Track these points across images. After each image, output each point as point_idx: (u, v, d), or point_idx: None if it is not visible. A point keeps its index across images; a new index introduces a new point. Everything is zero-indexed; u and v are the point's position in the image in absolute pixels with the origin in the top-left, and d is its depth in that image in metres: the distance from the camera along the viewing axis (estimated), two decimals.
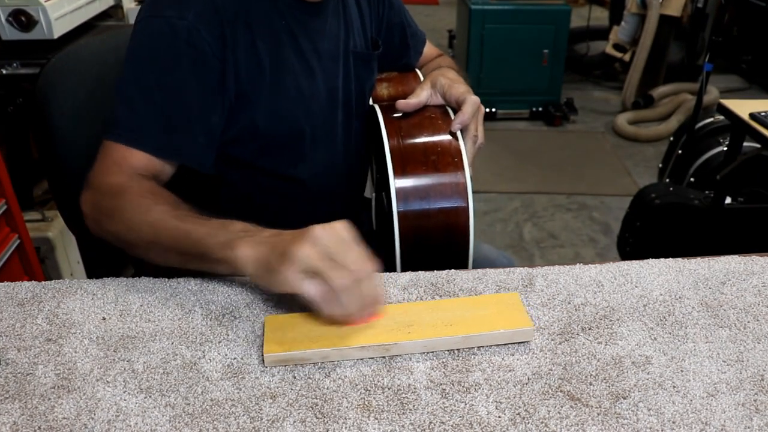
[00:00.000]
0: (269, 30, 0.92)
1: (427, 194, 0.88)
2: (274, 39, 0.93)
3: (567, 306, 0.79)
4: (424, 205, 0.87)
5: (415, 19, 1.24)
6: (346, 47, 1.04)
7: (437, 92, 0.99)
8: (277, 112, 0.95)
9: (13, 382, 0.67)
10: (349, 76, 1.05)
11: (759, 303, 0.79)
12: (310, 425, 0.62)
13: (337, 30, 1.02)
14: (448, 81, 0.99)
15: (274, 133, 0.97)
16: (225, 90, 0.90)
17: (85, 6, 1.92)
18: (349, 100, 1.06)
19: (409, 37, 1.19)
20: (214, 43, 0.86)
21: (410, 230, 0.87)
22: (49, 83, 1.03)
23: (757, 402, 0.65)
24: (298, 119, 0.98)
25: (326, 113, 1.02)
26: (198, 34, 0.85)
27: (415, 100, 0.97)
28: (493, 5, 3.52)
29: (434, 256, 0.87)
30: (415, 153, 0.91)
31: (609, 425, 0.62)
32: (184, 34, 0.85)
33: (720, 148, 2.25)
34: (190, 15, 0.85)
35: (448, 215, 0.87)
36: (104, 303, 0.79)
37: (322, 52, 0.99)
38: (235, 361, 0.70)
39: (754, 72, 4.34)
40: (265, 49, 0.92)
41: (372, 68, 1.11)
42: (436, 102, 0.99)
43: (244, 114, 0.93)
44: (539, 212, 2.84)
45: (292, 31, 0.95)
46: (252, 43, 0.90)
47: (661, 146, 3.19)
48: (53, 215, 1.83)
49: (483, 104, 0.99)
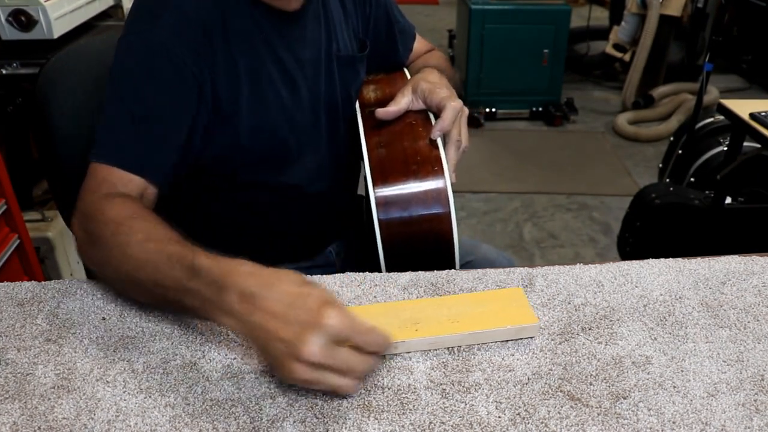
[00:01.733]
0: (247, 42, 0.90)
1: (408, 203, 0.87)
2: (253, 51, 0.91)
3: (567, 306, 0.79)
4: (405, 214, 0.86)
5: (415, 19, 1.22)
6: (329, 52, 1.02)
7: (418, 97, 0.97)
8: (260, 125, 0.94)
9: (13, 382, 0.67)
10: (333, 81, 1.03)
11: (759, 303, 0.79)
12: (310, 425, 0.62)
13: (318, 35, 1.00)
14: (429, 85, 0.97)
15: (257, 147, 0.95)
16: (203, 102, 0.88)
17: (85, 6, 1.92)
18: (335, 104, 1.04)
19: (397, 33, 1.17)
20: (190, 57, 0.85)
21: (393, 238, 0.87)
22: (49, 83, 1.03)
23: (757, 402, 0.65)
24: (281, 131, 0.97)
25: (310, 121, 1.01)
26: (172, 49, 0.84)
27: (395, 108, 0.95)
28: (493, 5, 3.52)
29: (419, 263, 0.87)
30: (395, 162, 0.91)
31: (609, 425, 0.62)
32: (159, 50, 0.84)
33: (720, 148, 2.25)
34: (164, 31, 0.84)
35: (430, 222, 0.87)
36: (104, 303, 0.79)
37: (303, 60, 0.97)
38: (235, 361, 0.70)
39: (754, 72, 4.34)
40: (243, 61, 0.90)
41: (358, 70, 1.09)
42: (418, 107, 0.97)
43: (225, 129, 0.92)
44: (539, 212, 2.84)
45: (271, 42, 0.93)
46: (229, 56, 0.89)
47: (661, 146, 3.19)
48: (53, 215, 1.82)
49: (483, 104, 0.99)
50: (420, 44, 1.23)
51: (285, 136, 0.98)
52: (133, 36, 0.86)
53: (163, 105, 0.86)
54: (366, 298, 0.81)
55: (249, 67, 0.91)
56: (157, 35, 0.84)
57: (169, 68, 0.85)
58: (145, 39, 0.85)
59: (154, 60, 0.84)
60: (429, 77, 1.00)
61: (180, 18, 0.85)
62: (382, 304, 0.78)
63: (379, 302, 0.79)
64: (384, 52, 1.17)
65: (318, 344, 0.59)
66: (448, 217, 0.86)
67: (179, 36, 0.85)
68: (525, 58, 3.61)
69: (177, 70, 0.85)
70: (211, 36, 0.87)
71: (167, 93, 0.86)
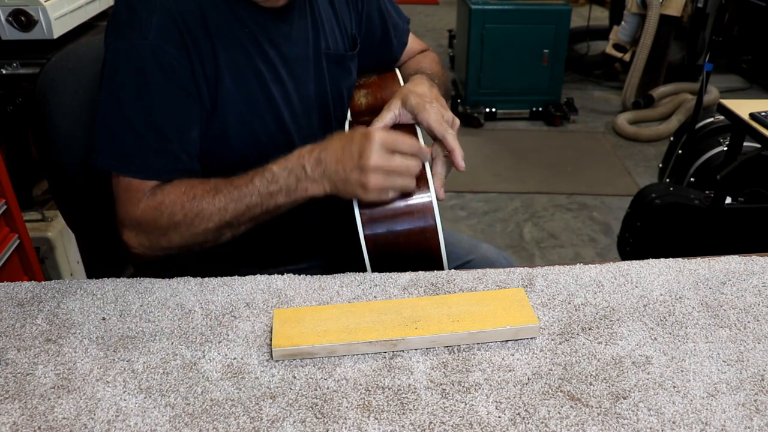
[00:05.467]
0: (231, 39, 0.90)
1: (393, 218, 0.87)
2: (238, 48, 0.91)
3: (567, 306, 0.79)
4: (391, 229, 0.86)
5: (415, 19, 1.22)
6: (317, 49, 1.01)
7: (407, 111, 0.94)
8: (247, 122, 0.94)
9: (13, 382, 0.67)
10: (323, 79, 1.03)
11: (759, 303, 0.79)
12: (310, 425, 0.62)
13: (305, 33, 0.99)
14: (419, 99, 0.93)
15: (246, 143, 0.95)
16: (200, 96, 0.90)
17: (85, 6, 1.92)
18: (326, 103, 1.04)
19: (390, 28, 1.15)
20: (179, 55, 0.86)
21: (380, 252, 0.87)
22: (49, 82, 1.03)
23: (757, 402, 0.65)
24: (269, 128, 0.97)
25: (301, 119, 1.01)
26: (162, 51, 0.85)
27: (379, 125, 0.93)
28: (493, 5, 3.51)
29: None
30: None
31: (609, 425, 0.62)
32: (149, 53, 0.85)
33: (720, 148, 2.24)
34: (150, 34, 0.84)
35: (417, 236, 0.87)
36: (104, 303, 0.79)
37: (290, 57, 0.97)
38: (235, 361, 0.70)
39: (755, 72, 4.34)
40: (227, 58, 0.90)
41: (348, 68, 1.08)
42: (406, 121, 0.95)
43: (213, 123, 0.92)
44: (539, 212, 2.84)
45: (256, 39, 0.93)
46: (213, 53, 0.89)
47: (662, 146, 3.19)
48: (53, 215, 1.82)
49: (483, 104, 0.98)
50: (414, 43, 1.22)
51: (273, 133, 0.98)
52: (124, 43, 0.86)
53: (166, 108, 0.87)
54: (366, 298, 0.81)
55: (232, 61, 0.91)
56: (146, 39, 0.84)
57: (162, 71, 0.85)
58: (136, 46, 0.85)
59: (148, 66, 0.85)
60: (418, 88, 0.97)
61: (165, 17, 0.85)
62: (383, 301, 0.78)
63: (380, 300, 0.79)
64: (379, 47, 1.16)
65: (375, 153, 0.80)
66: (435, 231, 0.86)
67: (167, 37, 0.85)
68: (525, 58, 3.61)
69: (170, 70, 0.86)
70: (194, 30, 0.87)
71: (167, 95, 0.87)
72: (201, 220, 0.86)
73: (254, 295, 0.81)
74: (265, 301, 0.80)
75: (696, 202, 1.99)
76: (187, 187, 0.87)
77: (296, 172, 0.84)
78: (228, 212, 0.86)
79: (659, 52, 3.76)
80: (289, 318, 0.74)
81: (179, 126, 0.89)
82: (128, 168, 0.87)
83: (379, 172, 0.81)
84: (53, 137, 1.04)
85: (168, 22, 0.85)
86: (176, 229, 0.86)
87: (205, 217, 0.86)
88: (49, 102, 1.02)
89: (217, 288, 0.82)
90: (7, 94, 1.83)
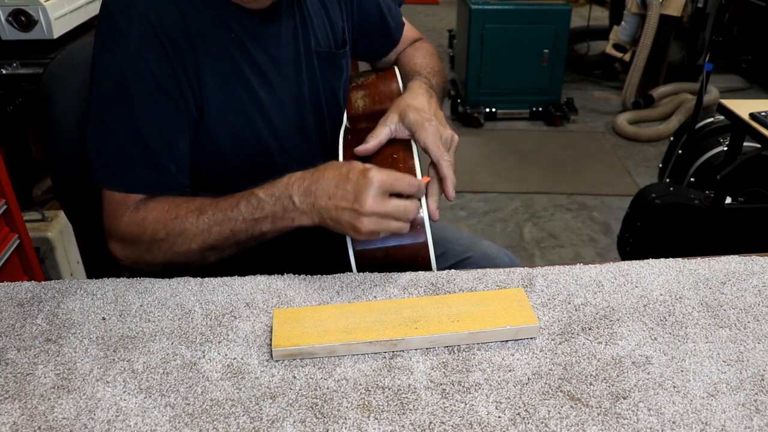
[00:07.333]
0: (215, 46, 0.89)
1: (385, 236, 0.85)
2: (222, 55, 0.89)
3: (567, 306, 0.79)
4: (380, 245, 0.85)
5: (416, 19, 1.22)
6: (307, 48, 0.99)
7: (405, 127, 0.92)
8: (236, 130, 0.93)
9: (13, 382, 0.67)
10: (315, 79, 1.01)
11: (759, 303, 0.79)
12: (310, 425, 0.62)
13: (294, 32, 0.97)
14: (418, 118, 0.91)
15: (237, 152, 0.94)
16: (187, 105, 0.89)
17: (85, 6, 1.92)
18: (319, 103, 1.02)
19: (385, 10, 1.13)
20: (162, 64, 0.85)
21: (370, 268, 0.86)
22: (53, 80, 1.04)
23: (757, 402, 0.65)
24: (260, 133, 0.95)
25: (295, 122, 0.99)
26: (143, 60, 0.84)
27: (374, 143, 0.91)
28: (493, 5, 3.51)
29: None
30: None
31: (609, 425, 0.62)
32: (130, 64, 0.84)
33: (720, 148, 2.24)
34: (131, 44, 0.84)
35: (408, 251, 0.86)
36: (104, 303, 0.79)
37: (279, 59, 0.95)
38: (235, 361, 0.70)
39: (755, 72, 4.34)
40: (211, 66, 0.89)
41: (340, 66, 1.05)
42: (402, 136, 0.93)
43: (202, 133, 0.91)
44: (539, 212, 2.84)
45: (243, 43, 0.91)
46: (195, 62, 0.88)
47: (662, 146, 3.19)
48: (53, 215, 1.82)
49: (483, 104, 0.98)
50: (409, 31, 1.20)
51: (265, 138, 0.96)
52: (107, 55, 0.85)
53: (151, 118, 0.86)
54: (366, 298, 0.81)
55: (216, 70, 0.89)
56: (128, 50, 0.84)
57: (145, 81, 0.85)
58: (118, 57, 0.84)
59: (130, 77, 0.84)
60: (416, 101, 0.94)
61: (144, 26, 0.84)
62: (383, 301, 0.78)
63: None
64: (377, 32, 1.14)
65: (371, 197, 0.76)
66: (425, 247, 0.86)
67: (149, 47, 0.84)
68: (525, 58, 3.61)
69: (153, 80, 0.85)
70: (176, 39, 0.86)
71: (151, 105, 0.86)
72: (184, 240, 0.85)
73: (254, 295, 0.81)
74: (265, 301, 0.80)
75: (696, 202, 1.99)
76: (171, 205, 0.86)
77: (283, 201, 0.81)
78: (212, 235, 0.84)
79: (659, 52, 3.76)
80: (289, 318, 0.74)
81: (165, 136, 0.88)
82: (111, 182, 0.87)
83: (374, 216, 0.77)
84: (58, 135, 1.04)
85: (148, 31, 0.84)
86: (159, 246, 0.86)
87: (188, 237, 0.85)
88: (54, 100, 1.03)
89: (217, 288, 0.82)
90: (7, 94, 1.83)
